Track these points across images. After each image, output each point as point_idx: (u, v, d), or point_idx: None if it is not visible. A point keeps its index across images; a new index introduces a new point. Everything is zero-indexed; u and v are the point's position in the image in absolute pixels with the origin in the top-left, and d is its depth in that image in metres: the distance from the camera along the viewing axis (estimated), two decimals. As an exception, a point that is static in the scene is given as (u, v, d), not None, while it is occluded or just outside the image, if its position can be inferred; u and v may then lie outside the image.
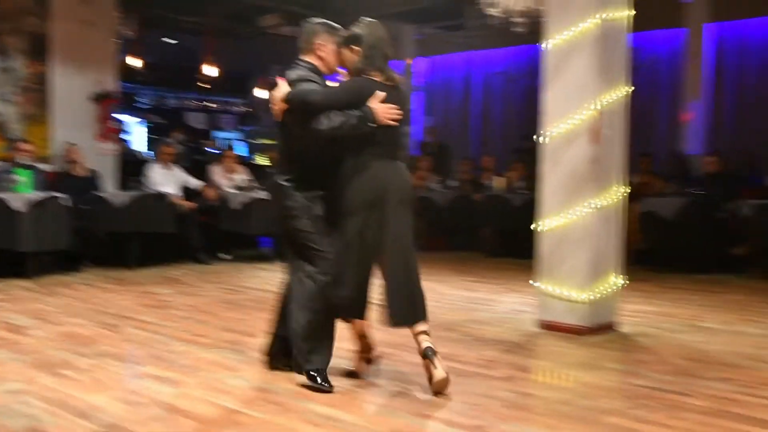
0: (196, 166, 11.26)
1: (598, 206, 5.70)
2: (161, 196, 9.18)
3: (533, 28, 7.46)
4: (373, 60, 4.16)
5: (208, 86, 14.82)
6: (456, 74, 15.26)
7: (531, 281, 6.13)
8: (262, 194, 9.71)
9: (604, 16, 5.65)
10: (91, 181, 9.37)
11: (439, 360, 4.01)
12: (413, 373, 4.55)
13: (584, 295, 5.69)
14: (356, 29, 4.25)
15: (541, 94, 6.04)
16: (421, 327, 4.12)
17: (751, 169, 11.15)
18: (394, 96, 4.13)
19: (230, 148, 11.14)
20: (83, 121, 10.08)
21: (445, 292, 7.64)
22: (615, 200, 5.88)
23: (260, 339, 5.37)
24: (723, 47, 12.05)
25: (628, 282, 6.21)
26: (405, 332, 5.25)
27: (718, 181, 9.96)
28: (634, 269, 9.20)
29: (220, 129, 17.26)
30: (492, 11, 8.39)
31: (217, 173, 10.19)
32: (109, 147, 10.45)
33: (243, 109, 17.43)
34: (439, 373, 3.97)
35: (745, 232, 9.15)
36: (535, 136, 6.02)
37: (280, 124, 4.27)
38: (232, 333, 5.65)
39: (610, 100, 5.78)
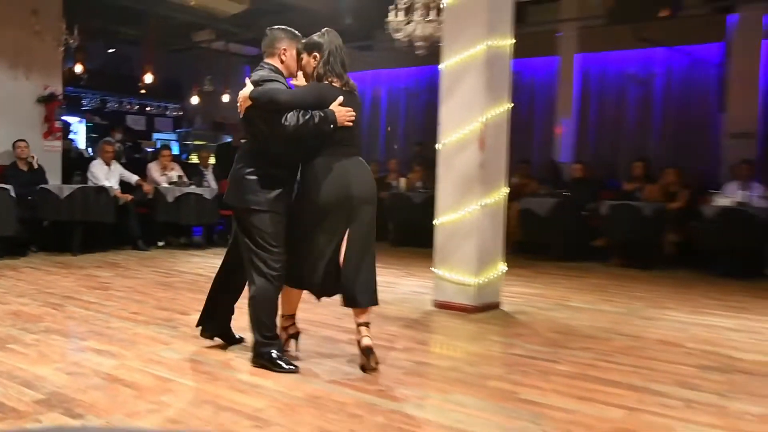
0: (135, 163, 10.99)
1: (485, 204, 5.80)
2: (102, 189, 8.91)
3: (432, 52, 7.53)
4: (333, 67, 4.04)
5: (144, 91, 14.49)
6: (366, 89, 15.27)
7: (430, 267, 6.19)
8: (194, 189, 9.59)
9: (490, 43, 5.73)
10: (37, 175, 9.04)
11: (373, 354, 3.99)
12: (329, 346, 4.57)
13: (473, 279, 5.78)
14: (316, 38, 4.08)
15: (438, 108, 6.10)
16: (364, 318, 4.06)
17: (609, 175, 11.53)
18: (350, 100, 4.04)
19: (166, 147, 10.86)
20: (31, 121, 9.73)
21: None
22: (498, 199, 5.99)
23: (191, 316, 5.28)
24: (588, 74, 12.40)
25: (509, 268, 6.33)
26: (320, 310, 5.29)
27: (582, 185, 10.28)
28: (514, 258, 9.41)
29: (158, 130, 16.88)
30: (397, 36, 8.43)
31: (153, 170, 9.97)
32: (55, 144, 10.11)
33: (178, 113, 17.20)
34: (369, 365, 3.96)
35: (603, 227, 9.46)
36: (425, 144, 6.08)
37: (243, 121, 4.11)
38: (166, 311, 5.52)
39: (495, 115, 5.85)
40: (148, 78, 12.64)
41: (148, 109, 16.84)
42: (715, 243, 8.50)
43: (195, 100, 14.37)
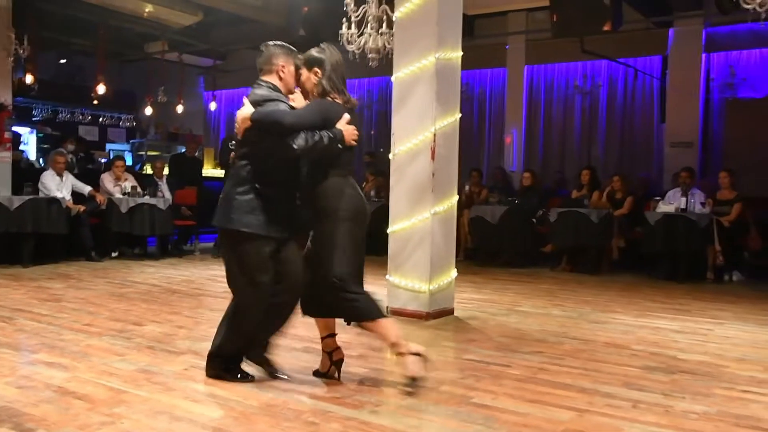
0: (88, 173, 10.77)
1: (436, 212, 5.81)
2: (54, 200, 8.70)
3: (384, 63, 7.55)
4: (336, 83, 3.81)
5: (97, 102, 14.26)
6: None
7: (384, 275, 6.17)
8: (148, 199, 9.43)
9: (440, 55, 5.76)
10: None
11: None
12: (283, 357, 4.52)
13: (425, 286, 5.78)
14: (316, 53, 3.85)
15: (390, 118, 6.11)
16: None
17: (557, 183, 11.70)
18: (353, 118, 3.82)
19: (119, 158, 10.66)
20: (-21, 132, 9.49)
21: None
22: (450, 207, 6.01)
23: (146, 327, 5.21)
24: (535, 85, 12.58)
25: (461, 275, 6.36)
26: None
27: (531, 193, 10.40)
28: (466, 264, 9.52)
29: (111, 141, 16.60)
30: (350, 48, 8.43)
31: (106, 180, 9.77)
32: (4, 155, 9.85)
33: (131, 123, 16.95)
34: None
35: (552, 233, 9.57)
36: (376, 154, 6.07)
37: (241, 143, 3.83)
38: (120, 322, 5.39)
39: (446, 124, 5.87)
40: (101, 88, 12.42)
41: (101, 119, 16.59)
42: (659, 248, 8.67)
43: (149, 110, 14.17)
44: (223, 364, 3.89)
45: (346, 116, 3.76)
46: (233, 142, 9.60)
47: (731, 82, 10.73)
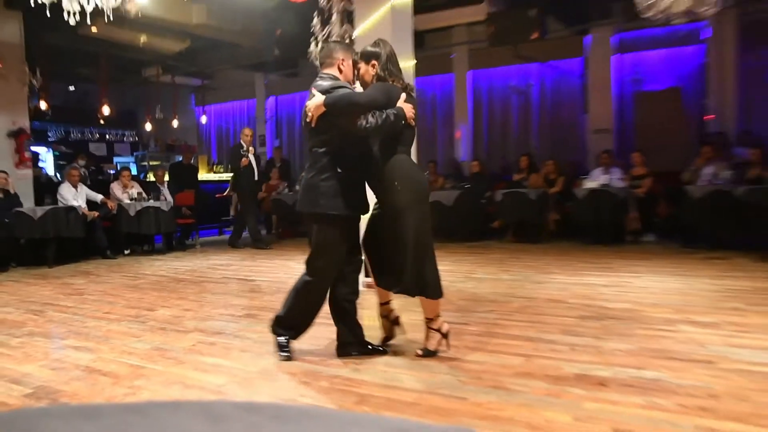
0: (99, 184, 10.61)
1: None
2: (71, 209, 8.58)
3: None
4: (392, 70, 3.58)
5: (103, 122, 14.10)
6: (296, 108, 15.17)
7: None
8: (153, 202, 9.34)
9: (396, 65, 5.78)
10: (12, 199, 8.63)
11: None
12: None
13: (393, 262, 5.81)
14: (371, 48, 3.63)
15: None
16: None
17: (502, 168, 11.79)
18: (410, 100, 3.58)
19: (125, 168, 10.51)
20: (3, 153, 9.29)
21: (294, 267, 7.58)
22: (411, 194, 6.04)
23: (158, 311, 5.18)
24: (478, 87, 12.64)
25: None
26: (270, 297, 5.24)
27: (480, 178, 10.47)
28: (427, 242, 9.56)
29: (117, 154, 16.37)
30: (318, 63, 8.39)
31: (115, 188, 9.63)
32: (26, 172, 9.67)
33: (134, 138, 16.82)
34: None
35: (498, 211, 9.67)
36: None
37: (314, 130, 3.53)
38: (135, 309, 5.35)
39: (404, 125, 5.89)
40: (106, 110, 12.24)
41: (107, 136, 16.41)
42: (587, 218, 8.80)
43: (148, 126, 14.00)
44: (282, 332, 3.73)
45: (404, 95, 3.52)
46: (245, 148, 9.59)
47: (638, 78, 10.88)
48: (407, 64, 5.96)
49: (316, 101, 3.44)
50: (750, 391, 2.89)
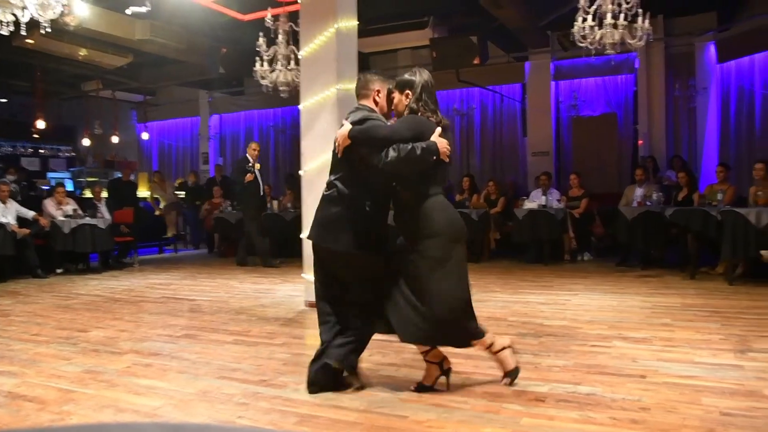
0: (32, 200, 10.20)
1: (343, 218, 5.81)
2: (0, 226, 8.20)
3: (293, 94, 7.52)
4: (427, 103, 3.31)
5: (37, 136, 13.59)
6: (241, 127, 15.02)
7: (301, 274, 6.13)
8: (89, 220, 9.02)
9: (340, 87, 5.77)
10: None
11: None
12: (214, 347, 4.42)
13: (336, 281, 5.77)
14: (408, 76, 3.37)
15: (301, 141, 6.07)
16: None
17: (445, 189, 11.89)
18: (445, 135, 3.28)
19: (60, 185, 10.15)
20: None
21: (236, 286, 7.45)
22: (354, 213, 6.02)
23: (91, 333, 4.97)
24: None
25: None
26: (209, 317, 5.11)
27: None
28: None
29: (52, 170, 15.79)
30: (264, 82, 8.35)
31: (49, 205, 9.25)
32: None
33: (71, 153, 16.25)
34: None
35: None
36: (295, 173, 6.01)
37: (341, 161, 3.33)
38: (66, 330, 5.10)
39: (347, 144, 5.89)
40: (41, 124, 11.82)
41: (41, 151, 15.78)
42: (526, 237, 8.97)
43: (86, 141, 13.60)
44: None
45: (439, 129, 3.24)
46: (251, 163, 9.33)
47: (575, 103, 11.26)
48: (351, 86, 5.96)
49: (343, 131, 3.26)
50: (678, 403, 2.98)
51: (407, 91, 3.35)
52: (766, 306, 5.38)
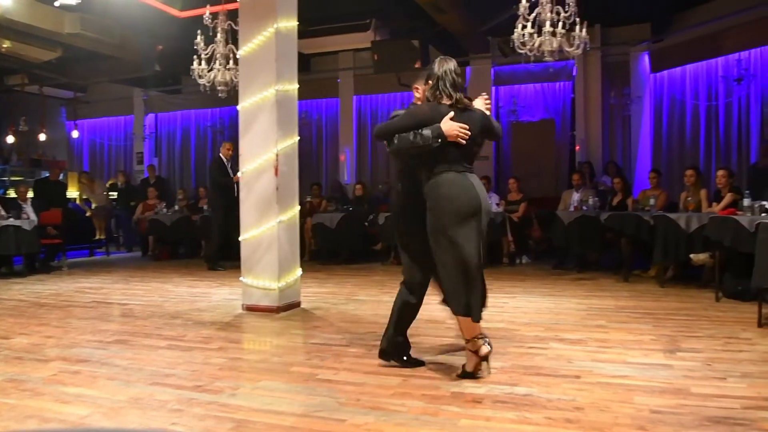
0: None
1: (282, 221, 5.77)
2: None
3: (232, 94, 7.42)
4: (442, 89, 3.54)
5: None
6: (177, 127, 14.69)
7: (239, 277, 6.05)
8: (13, 221, 8.62)
9: (279, 88, 5.74)
10: None
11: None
12: (147, 352, 4.30)
13: (275, 284, 5.72)
14: (431, 67, 3.66)
15: (239, 142, 6.00)
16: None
17: (385, 192, 11.98)
18: (463, 117, 3.48)
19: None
20: None
21: (171, 290, 7.28)
22: (293, 216, 5.98)
23: (14, 340, 4.76)
24: (363, 112, 12.85)
25: (306, 273, 6.35)
26: (142, 321, 4.97)
27: (363, 201, 10.58)
28: (311, 264, 9.52)
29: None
30: (201, 81, 8.20)
31: (-29, 206, 8.83)
32: None
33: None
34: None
35: (381, 234, 9.77)
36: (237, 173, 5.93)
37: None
38: (-12, 337, 4.89)
39: (286, 146, 5.84)
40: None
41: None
42: (466, 241, 9.07)
43: (10, 138, 12.99)
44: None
45: (450, 114, 3.46)
46: (228, 163, 8.94)
47: (514, 109, 11.50)
48: (290, 87, 5.95)
49: None
50: (611, 402, 3.08)
51: (429, 81, 3.64)
52: (694, 307, 5.63)
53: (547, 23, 6.13)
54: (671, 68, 10.47)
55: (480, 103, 3.68)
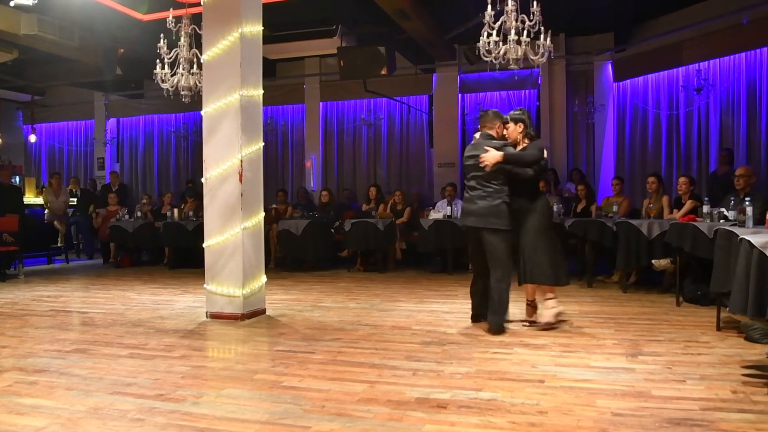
0: None
1: (246, 227, 5.73)
2: None
3: (196, 99, 7.35)
4: (532, 130, 5.24)
5: None
6: (140, 132, 14.48)
7: (203, 285, 5.99)
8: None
9: (243, 93, 5.71)
10: None
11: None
12: (109, 364, 4.23)
13: (239, 291, 5.68)
14: (517, 114, 5.21)
15: (203, 148, 5.95)
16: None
17: (349, 198, 11.99)
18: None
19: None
20: None
21: (133, 298, 7.16)
22: (257, 222, 5.94)
23: (-33, 349, 4.63)
24: (329, 118, 12.85)
25: (272, 280, 6.30)
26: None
27: (329, 207, 10.56)
28: (276, 271, 9.48)
29: None
30: (164, 85, 8.11)
31: None
32: None
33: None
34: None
35: (347, 240, 9.75)
36: (196, 180, 5.88)
37: (490, 173, 4.95)
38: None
39: (251, 152, 5.81)
40: None
41: None
42: (432, 247, 9.15)
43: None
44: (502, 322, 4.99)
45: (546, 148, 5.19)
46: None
47: (479, 116, 11.61)
48: (255, 92, 5.93)
49: (495, 155, 4.90)
50: (574, 406, 3.14)
51: (519, 124, 5.17)
52: (656, 312, 5.77)
53: (512, 31, 6.22)
54: (634, 77, 10.72)
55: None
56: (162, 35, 7.61)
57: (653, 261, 6.61)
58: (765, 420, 2.92)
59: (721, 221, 5.59)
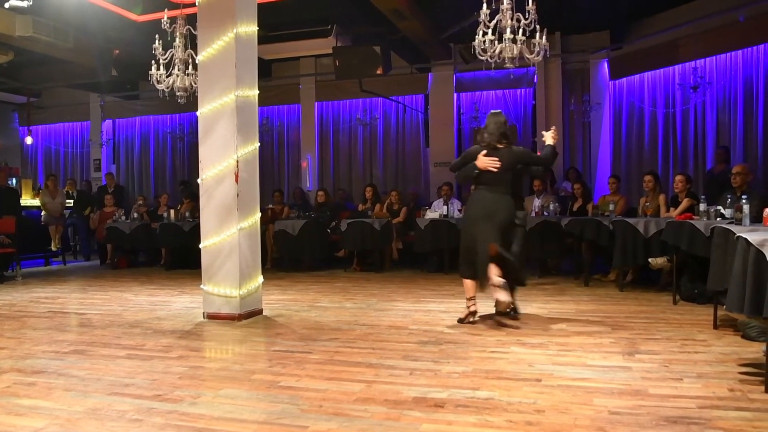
0: None
1: (242, 228, 5.74)
2: None
3: (192, 100, 7.34)
4: (483, 137, 5.39)
5: None
6: (136, 133, 14.47)
7: (199, 285, 5.99)
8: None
9: (239, 93, 5.72)
10: None
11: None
12: (106, 365, 4.24)
13: (236, 292, 5.68)
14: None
15: (199, 149, 5.95)
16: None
17: (345, 198, 12.00)
18: (497, 153, 5.26)
19: None
20: None
21: (131, 299, 7.16)
22: (254, 223, 5.95)
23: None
24: (325, 118, 12.85)
25: (269, 280, 6.31)
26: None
27: (325, 208, 10.58)
28: (273, 271, 9.49)
29: None
30: (160, 87, 8.11)
31: None
32: None
33: None
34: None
35: (344, 240, 9.78)
36: (191, 180, 5.87)
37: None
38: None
39: (247, 152, 5.82)
40: None
41: None
42: (428, 247, 9.17)
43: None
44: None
45: (484, 151, 5.28)
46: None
47: (476, 115, 11.63)
48: (250, 93, 5.93)
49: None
50: (571, 404, 3.15)
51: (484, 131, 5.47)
52: (653, 311, 5.79)
53: (508, 30, 6.23)
54: (630, 75, 10.74)
55: (549, 135, 5.49)
56: (157, 36, 7.61)
57: (650, 259, 6.63)
58: (762, 418, 2.94)
59: (718, 219, 5.61)
